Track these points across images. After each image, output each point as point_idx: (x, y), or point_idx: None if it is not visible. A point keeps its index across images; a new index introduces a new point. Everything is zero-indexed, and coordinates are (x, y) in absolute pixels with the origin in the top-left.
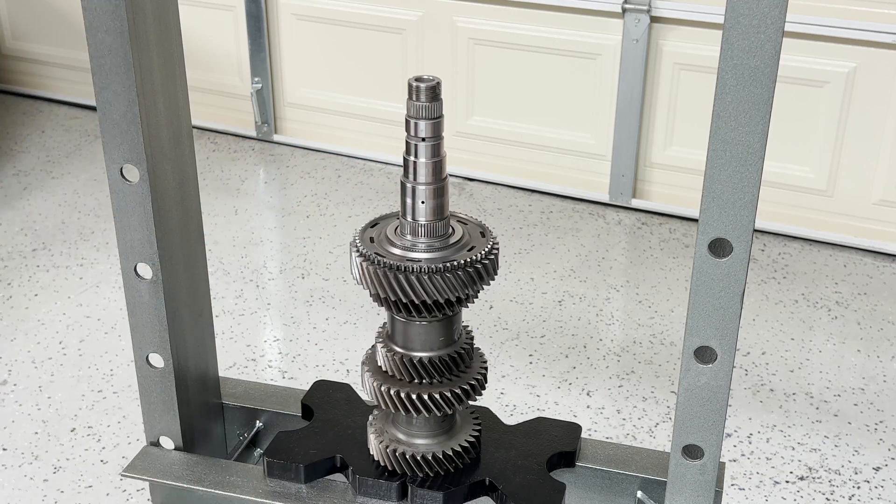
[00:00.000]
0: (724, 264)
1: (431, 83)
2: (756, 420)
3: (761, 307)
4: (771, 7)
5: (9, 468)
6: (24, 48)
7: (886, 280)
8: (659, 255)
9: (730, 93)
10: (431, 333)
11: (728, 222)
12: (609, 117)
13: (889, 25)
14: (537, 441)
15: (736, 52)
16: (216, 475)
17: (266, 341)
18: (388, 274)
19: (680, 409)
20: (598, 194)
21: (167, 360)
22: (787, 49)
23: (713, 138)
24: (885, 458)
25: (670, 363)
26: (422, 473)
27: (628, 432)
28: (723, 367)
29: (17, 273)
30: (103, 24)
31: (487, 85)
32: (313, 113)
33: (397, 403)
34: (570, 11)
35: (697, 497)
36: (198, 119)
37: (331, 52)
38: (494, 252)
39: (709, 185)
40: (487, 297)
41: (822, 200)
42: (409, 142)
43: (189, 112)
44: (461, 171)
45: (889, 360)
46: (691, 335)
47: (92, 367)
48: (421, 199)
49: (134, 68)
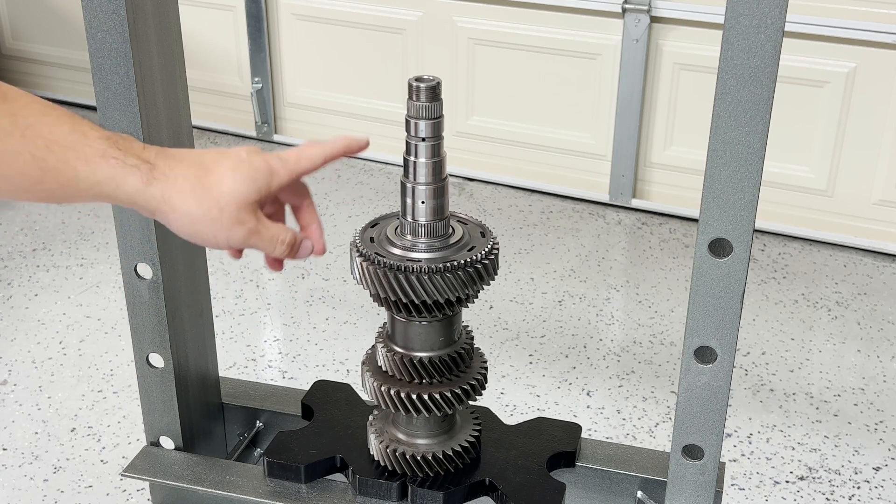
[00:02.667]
0: (724, 264)
1: (431, 83)
2: (756, 420)
3: (761, 307)
4: (771, 7)
5: (9, 468)
6: (24, 48)
7: (886, 280)
8: (659, 255)
9: (730, 93)
10: (431, 333)
11: (728, 222)
12: (609, 117)
13: (889, 25)
14: (537, 441)
15: (736, 52)
16: (216, 475)
17: (266, 341)
18: (388, 274)
19: (680, 409)
20: (598, 194)
21: (167, 360)
22: (787, 49)
23: (713, 138)
24: (885, 458)
25: (670, 363)
26: (422, 473)
27: (628, 432)
28: (723, 367)
29: (17, 273)
30: (103, 24)
31: (487, 85)
32: (313, 113)
33: (397, 403)
34: (570, 11)
35: (697, 497)
36: (198, 119)
37: (331, 52)
38: (494, 252)
39: (709, 185)
40: (487, 297)
41: (822, 200)
42: (409, 142)
43: (189, 112)
44: (461, 171)
45: (889, 360)
46: (691, 335)
47: (92, 367)
48: (421, 199)
49: (134, 68)
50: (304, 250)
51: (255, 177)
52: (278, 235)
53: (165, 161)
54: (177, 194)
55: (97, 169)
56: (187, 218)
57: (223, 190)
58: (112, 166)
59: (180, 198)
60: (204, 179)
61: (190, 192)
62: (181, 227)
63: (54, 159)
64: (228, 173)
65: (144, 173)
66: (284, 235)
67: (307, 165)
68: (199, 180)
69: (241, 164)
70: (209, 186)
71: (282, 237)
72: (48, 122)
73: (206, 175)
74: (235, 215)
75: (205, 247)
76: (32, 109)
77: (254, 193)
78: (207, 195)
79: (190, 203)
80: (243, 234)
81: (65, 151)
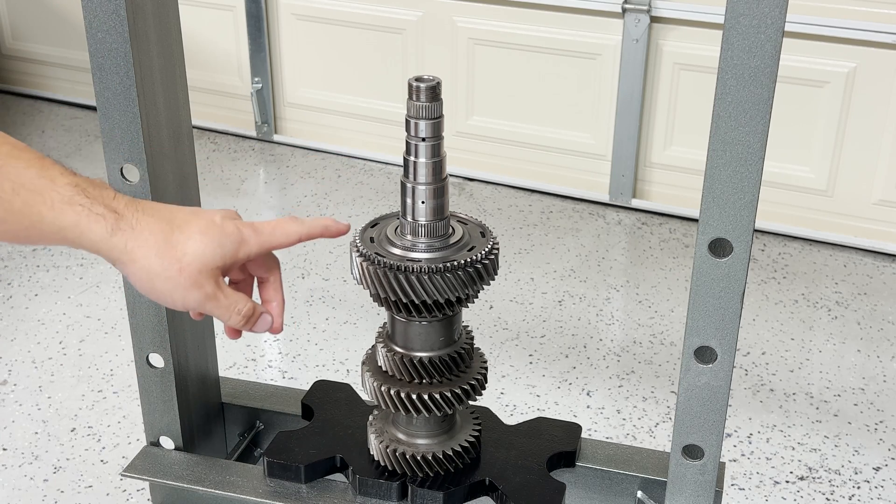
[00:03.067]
0: (724, 264)
1: (431, 83)
2: (756, 420)
3: (761, 307)
4: (771, 7)
5: (9, 468)
6: (24, 48)
7: (886, 280)
8: (659, 255)
9: (730, 93)
10: (431, 333)
11: (728, 222)
12: (609, 117)
13: (889, 25)
14: (537, 441)
15: (736, 52)
16: (216, 475)
17: (266, 341)
18: (388, 274)
19: (680, 409)
20: (598, 194)
21: (167, 360)
22: (787, 49)
23: (713, 138)
24: (885, 458)
25: (670, 363)
26: (422, 473)
27: (628, 432)
28: (723, 367)
29: (17, 273)
30: (103, 24)
31: (487, 85)
32: (313, 113)
33: (397, 403)
34: (570, 11)
35: (697, 497)
36: (198, 119)
37: (331, 52)
38: (494, 252)
39: (709, 185)
40: (487, 297)
41: (822, 200)
42: (409, 142)
43: (189, 112)
44: (461, 171)
45: (889, 360)
46: (691, 335)
47: (92, 367)
48: (421, 199)
49: (134, 68)
50: (263, 324)
51: (223, 242)
52: (235, 305)
53: (134, 213)
54: (139, 248)
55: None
56: (145, 273)
57: (187, 250)
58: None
59: (142, 252)
60: (170, 236)
61: (153, 248)
62: (138, 280)
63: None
64: (197, 235)
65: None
66: (242, 306)
67: (281, 240)
68: (165, 237)
69: (212, 228)
70: (174, 244)
71: (239, 307)
72: (17, 166)
73: (172, 232)
74: (195, 278)
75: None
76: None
77: (218, 259)
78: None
79: (151, 258)
80: (200, 297)
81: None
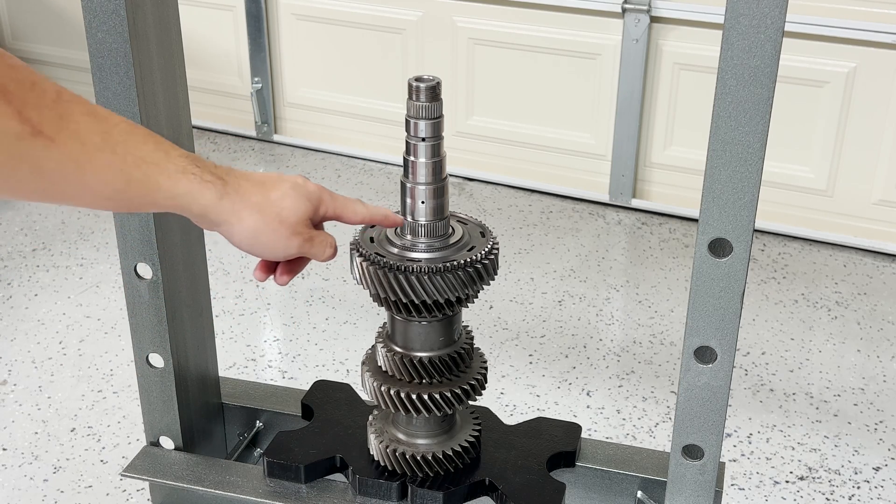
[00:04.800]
0: (724, 264)
1: (431, 83)
2: (756, 420)
3: (761, 307)
4: (771, 7)
5: (9, 468)
6: (24, 48)
7: (886, 280)
8: (659, 255)
9: (730, 93)
10: (431, 333)
11: (728, 222)
12: (609, 117)
13: (889, 25)
14: (537, 441)
15: (736, 52)
16: (216, 475)
17: (266, 341)
18: (388, 274)
19: (680, 409)
20: (598, 194)
21: (167, 360)
22: (787, 49)
23: (713, 138)
24: (885, 458)
25: (670, 363)
26: (422, 473)
27: (628, 432)
28: (723, 367)
29: (17, 273)
30: (103, 24)
31: (487, 85)
32: (313, 113)
33: (397, 403)
34: (570, 11)
35: (697, 497)
36: (198, 119)
37: (331, 52)
38: (494, 252)
39: (709, 185)
40: (487, 297)
41: (822, 200)
42: (409, 142)
43: (189, 112)
44: (461, 171)
45: (889, 360)
46: (691, 335)
47: (92, 367)
48: (421, 199)
49: (134, 68)
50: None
51: (310, 198)
52: (327, 240)
53: (235, 179)
54: (245, 209)
55: (178, 183)
56: (251, 230)
57: (284, 205)
58: (190, 181)
59: (248, 212)
60: (268, 196)
61: (255, 207)
62: (244, 238)
63: (140, 173)
64: (290, 192)
65: (218, 188)
66: (332, 240)
67: (349, 215)
68: (265, 196)
69: (298, 187)
70: (273, 202)
71: (330, 241)
72: (135, 141)
73: (269, 193)
74: (294, 227)
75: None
76: (121, 128)
77: (310, 211)
78: (271, 209)
79: (256, 216)
80: (300, 242)
81: (150, 167)
